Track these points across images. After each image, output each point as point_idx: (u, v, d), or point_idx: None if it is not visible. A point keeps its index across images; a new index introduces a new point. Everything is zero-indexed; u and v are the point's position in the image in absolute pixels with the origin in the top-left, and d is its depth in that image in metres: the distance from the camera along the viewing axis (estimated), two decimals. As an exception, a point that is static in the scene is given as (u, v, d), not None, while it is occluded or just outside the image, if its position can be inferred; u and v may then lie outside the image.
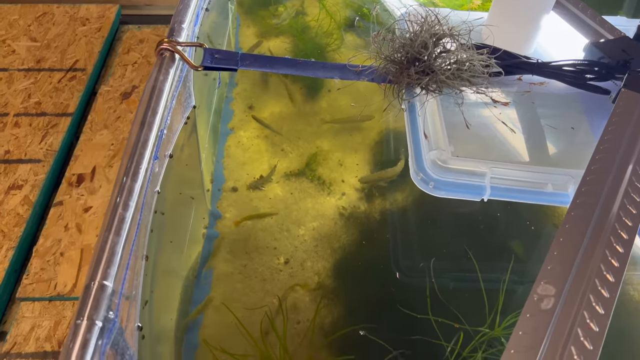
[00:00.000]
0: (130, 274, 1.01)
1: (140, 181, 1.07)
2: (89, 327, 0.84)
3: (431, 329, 1.34)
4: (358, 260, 1.59)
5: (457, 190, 1.20)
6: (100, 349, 0.86)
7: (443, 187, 1.20)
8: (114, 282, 0.92)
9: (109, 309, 0.89)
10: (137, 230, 1.07)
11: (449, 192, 1.21)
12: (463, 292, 1.44)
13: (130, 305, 1.04)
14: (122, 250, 0.95)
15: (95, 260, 0.92)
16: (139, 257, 1.11)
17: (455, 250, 1.53)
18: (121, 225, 0.97)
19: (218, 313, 1.51)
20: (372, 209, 1.71)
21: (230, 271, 1.60)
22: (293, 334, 1.46)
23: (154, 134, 1.15)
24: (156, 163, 1.18)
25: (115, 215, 0.98)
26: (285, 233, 1.69)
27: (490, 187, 1.17)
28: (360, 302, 1.49)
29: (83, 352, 0.82)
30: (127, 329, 1.01)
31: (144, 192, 1.10)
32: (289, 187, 1.79)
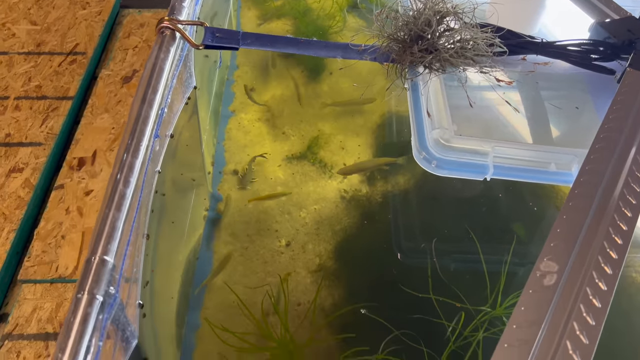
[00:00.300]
0: (131, 250, 1.01)
1: (140, 158, 1.06)
2: (89, 301, 0.83)
3: (432, 308, 1.34)
4: (359, 242, 1.59)
5: (460, 169, 1.19)
6: (101, 324, 0.86)
7: (446, 166, 1.19)
8: (115, 258, 0.92)
9: (109, 284, 0.89)
10: (138, 207, 1.06)
11: (451, 171, 1.19)
12: (464, 273, 1.45)
13: (131, 282, 1.03)
14: (122, 226, 0.94)
15: (96, 235, 0.91)
16: (139, 234, 1.11)
17: (457, 232, 1.52)
18: (122, 202, 0.97)
19: (219, 294, 1.52)
20: (374, 191, 1.71)
21: (231, 253, 1.60)
22: (294, 316, 1.47)
23: (155, 111, 1.13)
24: (157, 141, 1.18)
25: (116, 191, 0.97)
26: (287, 216, 1.69)
27: (493, 166, 1.16)
28: (362, 283, 1.50)
29: (84, 326, 0.81)
30: (128, 305, 1.00)
31: (144, 169, 1.09)
32: (290, 170, 1.79)
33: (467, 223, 1.53)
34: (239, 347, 1.38)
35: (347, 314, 1.43)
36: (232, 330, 1.41)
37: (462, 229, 1.52)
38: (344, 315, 1.43)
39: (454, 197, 1.61)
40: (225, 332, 1.41)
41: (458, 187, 1.56)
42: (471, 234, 1.49)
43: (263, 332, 1.39)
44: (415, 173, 1.71)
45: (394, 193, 1.69)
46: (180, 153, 1.49)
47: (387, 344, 1.33)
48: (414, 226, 1.58)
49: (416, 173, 1.71)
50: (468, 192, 1.58)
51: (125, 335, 0.96)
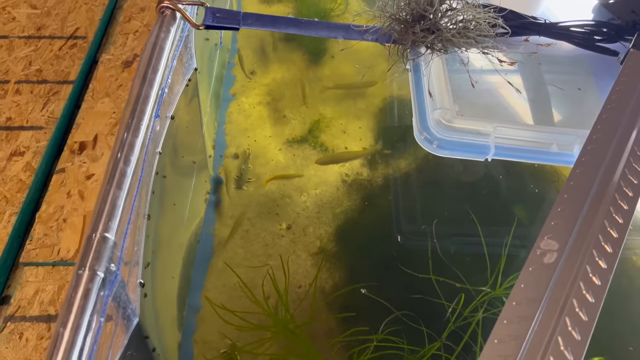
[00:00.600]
0: (132, 229, 1.01)
1: (141, 137, 1.06)
2: (90, 277, 0.84)
3: (433, 289, 1.35)
4: (360, 225, 1.60)
5: (461, 149, 1.19)
6: (102, 300, 0.86)
7: (447, 146, 1.19)
8: (116, 235, 0.92)
9: (110, 261, 0.89)
10: (139, 187, 1.07)
11: (452, 151, 1.19)
12: (465, 256, 1.45)
13: (132, 261, 1.04)
14: (123, 204, 0.95)
15: (97, 213, 0.92)
16: (140, 214, 1.11)
17: (458, 214, 1.53)
18: (122, 179, 0.97)
19: (220, 276, 1.53)
20: (375, 174, 1.71)
21: (232, 237, 1.61)
22: (294, 298, 1.48)
23: (155, 91, 1.14)
24: (157, 122, 1.18)
25: (117, 169, 0.97)
26: (287, 199, 1.70)
27: (494, 146, 1.16)
28: (362, 265, 1.51)
29: (85, 302, 0.82)
30: (130, 284, 1.01)
31: (145, 149, 1.09)
32: (291, 154, 1.79)
33: (468, 205, 1.53)
34: (240, 326, 1.39)
35: (347, 295, 1.43)
36: (235, 311, 1.42)
37: (463, 211, 1.52)
38: (345, 296, 1.44)
39: (455, 179, 1.61)
40: (226, 312, 1.42)
41: (459, 169, 1.56)
42: (472, 216, 1.49)
43: (265, 312, 1.40)
44: (417, 156, 1.71)
45: (395, 176, 1.69)
46: (181, 135, 1.49)
47: (387, 324, 1.34)
48: (414, 209, 1.58)
49: (417, 156, 1.71)
50: (469, 174, 1.58)
51: (126, 313, 0.98)
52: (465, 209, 1.53)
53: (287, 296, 1.44)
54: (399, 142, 1.80)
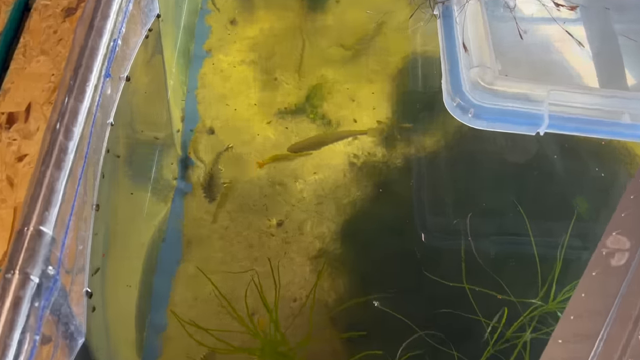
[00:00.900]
0: (75, 222, 1.00)
1: (86, 103, 1.05)
2: (21, 283, 0.82)
3: (466, 301, 1.34)
4: (372, 219, 1.59)
5: (505, 119, 1.19)
6: (36, 313, 0.84)
7: (486, 116, 1.19)
8: (55, 230, 0.90)
9: (47, 262, 0.87)
10: (84, 167, 1.06)
11: (493, 122, 1.19)
12: (508, 258, 1.44)
13: (76, 264, 1.03)
14: (64, 188, 0.93)
15: (30, 200, 0.90)
16: (87, 203, 1.10)
17: (500, 205, 1.51)
18: (63, 158, 0.96)
19: (191, 286, 1.53)
20: (393, 155, 1.69)
21: (207, 234, 1.61)
22: (287, 314, 1.49)
23: (105, 43, 1.12)
24: (108, 83, 1.17)
25: (55, 143, 0.96)
26: (278, 187, 1.68)
27: (548, 116, 1.15)
28: (375, 271, 1.51)
29: (14, 315, 0.80)
30: (73, 293, 0.99)
31: (92, 118, 1.08)
32: (283, 129, 1.77)
33: (513, 194, 1.53)
34: (217, 348, 1.39)
35: (356, 309, 1.44)
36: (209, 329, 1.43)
37: (507, 201, 1.52)
38: (352, 310, 1.44)
39: (497, 160, 1.60)
40: (198, 331, 1.42)
41: (501, 147, 1.55)
42: (518, 208, 1.48)
43: (249, 331, 1.40)
44: (447, 130, 1.69)
45: (418, 156, 1.68)
46: (139, 103, 1.48)
47: (408, 348, 1.33)
48: (443, 198, 1.58)
49: (448, 130, 1.69)
50: (515, 153, 1.56)
51: (69, 331, 0.96)
52: (509, 198, 1.52)
53: (277, 311, 1.43)
54: (423, 111, 1.77)
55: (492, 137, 1.29)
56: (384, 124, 1.77)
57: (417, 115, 1.78)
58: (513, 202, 1.49)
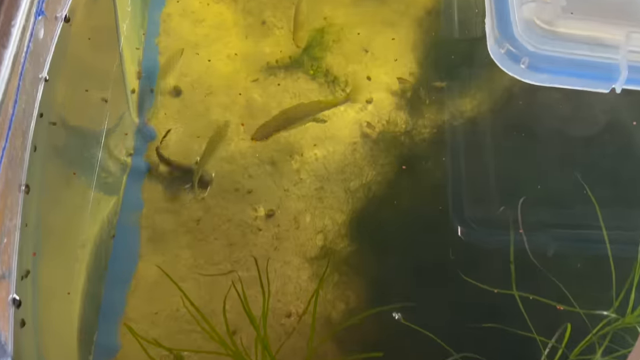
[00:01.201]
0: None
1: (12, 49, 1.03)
2: None
3: (516, 313, 1.33)
4: (392, 208, 1.59)
5: (568, 72, 1.16)
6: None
7: (544, 67, 1.15)
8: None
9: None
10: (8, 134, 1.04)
11: (554, 75, 1.16)
12: (572, 259, 1.43)
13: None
14: (-22, 159, 0.93)
15: None
16: (13, 183, 1.09)
17: (561, 189, 1.51)
18: (-23, 119, 0.95)
19: (152, 297, 1.53)
20: (419, 123, 1.69)
21: (173, 229, 1.61)
22: (279, 332, 1.49)
23: (34, -33, 1.11)
24: (40, 23, 1.15)
25: (-34, 100, 0.96)
26: (268, 167, 1.68)
27: (627, 67, 1.13)
28: (395, 275, 1.50)
29: None
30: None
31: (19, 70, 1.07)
32: (274, 89, 1.77)
33: (579, 174, 1.51)
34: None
35: (370, 324, 1.42)
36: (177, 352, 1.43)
37: (570, 183, 1.50)
38: (365, 326, 1.43)
39: (556, 129, 1.58)
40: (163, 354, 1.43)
41: (564, 110, 1.53)
42: (585, 191, 1.46)
43: (229, 354, 1.37)
44: (492, 89, 1.69)
45: (453, 125, 1.67)
46: (82, 53, 1.47)
47: (439, 374, 1.33)
48: (486, 179, 1.57)
49: (493, 89, 1.68)
50: (582, 119, 1.55)
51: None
52: (574, 180, 1.51)
53: (267, 329, 1.40)
54: (460, 66, 1.76)
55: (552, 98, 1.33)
56: (407, 82, 1.75)
57: (451, 70, 1.76)
58: (579, 185, 1.48)
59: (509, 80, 1.29)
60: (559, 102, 1.45)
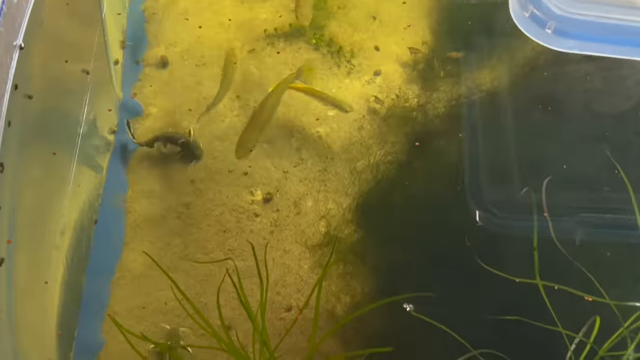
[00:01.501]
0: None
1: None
2: None
3: (539, 304, 1.31)
4: (403, 191, 1.58)
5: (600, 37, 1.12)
6: None
7: (572, 32, 1.12)
8: None
9: None
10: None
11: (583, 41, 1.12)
12: (602, 245, 1.43)
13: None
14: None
15: None
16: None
17: (589, 169, 1.51)
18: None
19: (138, 288, 1.51)
20: (432, 96, 1.69)
21: (161, 214, 1.60)
22: (279, 328, 1.46)
23: None
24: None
25: None
26: (265, 146, 1.68)
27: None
28: (408, 264, 1.49)
29: None
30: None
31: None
32: (271, 61, 1.77)
33: (610, 152, 1.45)
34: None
35: (378, 316, 1.38)
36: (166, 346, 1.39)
37: (600, 163, 1.45)
38: (373, 318, 1.39)
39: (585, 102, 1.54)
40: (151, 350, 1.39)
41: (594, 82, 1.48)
42: (617, 172, 1.40)
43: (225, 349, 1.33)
44: (514, 59, 1.66)
45: (471, 99, 1.63)
46: (60, 19, 1.43)
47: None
48: (506, 158, 1.52)
49: (515, 59, 1.66)
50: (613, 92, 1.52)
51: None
52: (604, 159, 1.45)
53: (265, 323, 1.35)
54: (479, 34, 1.72)
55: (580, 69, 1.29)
56: (419, 52, 1.72)
57: (469, 38, 1.73)
58: (610, 165, 1.43)
59: (533, 49, 1.26)
60: (589, 74, 1.42)
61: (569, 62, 1.37)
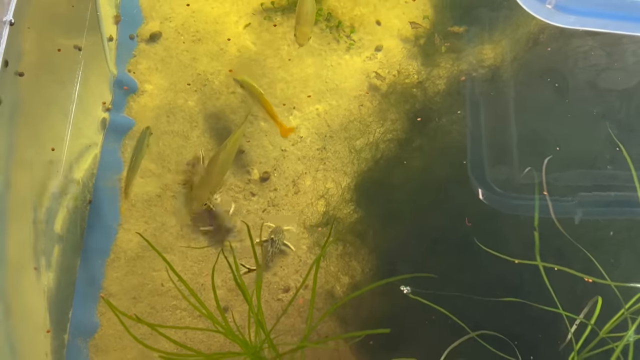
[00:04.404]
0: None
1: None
2: None
3: (539, 286, 1.34)
4: (403, 169, 1.59)
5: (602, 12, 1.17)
6: None
7: (573, 7, 1.18)
8: None
9: None
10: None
11: (584, 16, 1.19)
12: (603, 224, 1.44)
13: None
14: None
15: None
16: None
17: (592, 146, 1.51)
18: None
19: (133, 270, 1.55)
20: (433, 74, 1.69)
21: (157, 193, 1.63)
22: (276, 308, 1.51)
23: None
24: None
25: None
26: (263, 124, 1.69)
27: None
28: (407, 245, 1.50)
29: None
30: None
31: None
32: (269, 36, 1.77)
33: (613, 130, 1.53)
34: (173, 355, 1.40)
35: (376, 298, 1.45)
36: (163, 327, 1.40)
37: (603, 140, 1.52)
38: (371, 300, 1.45)
39: (589, 79, 1.59)
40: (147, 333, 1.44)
41: (598, 58, 1.53)
42: (619, 149, 1.48)
43: (221, 331, 1.37)
44: (516, 35, 1.68)
45: (472, 76, 1.68)
46: None
47: (453, 354, 1.34)
48: (509, 136, 1.58)
49: (517, 35, 1.68)
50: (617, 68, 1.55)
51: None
52: (607, 137, 1.52)
53: (261, 304, 1.42)
54: (481, 7, 1.75)
55: (584, 45, 1.36)
56: (421, 26, 1.76)
57: (471, 12, 1.76)
58: (612, 143, 1.49)
59: (537, 24, 1.29)
60: (593, 50, 1.45)
61: (573, 36, 1.39)
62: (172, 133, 1.69)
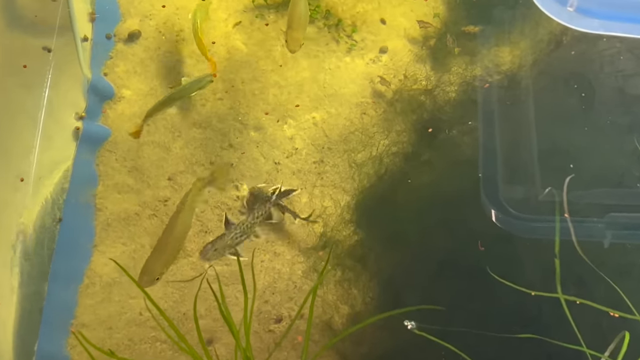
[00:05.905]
0: None
1: None
2: None
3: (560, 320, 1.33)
4: (408, 186, 1.59)
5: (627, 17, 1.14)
6: None
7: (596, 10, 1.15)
8: None
9: None
10: None
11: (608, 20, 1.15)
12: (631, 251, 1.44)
13: None
14: None
15: None
16: None
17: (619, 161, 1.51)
18: None
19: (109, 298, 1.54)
20: (444, 80, 1.70)
21: (136, 211, 1.63)
22: (267, 341, 1.50)
23: None
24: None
25: None
26: (253, 133, 1.70)
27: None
28: (412, 272, 1.50)
29: None
30: None
31: None
32: (260, 36, 1.77)
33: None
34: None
35: (379, 332, 1.43)
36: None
37: (632, 155, 1.50)
38: (373, 334, 1.44)
39: (616, 86, 1.56)
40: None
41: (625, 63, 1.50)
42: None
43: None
44: (535, 37, 1.68)
45: (488, 82, 1.67)
46: None
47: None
48: (528, 150, 1.55)
49: (537, 37, 1.67)
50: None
51: None
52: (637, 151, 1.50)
53: (249, 337, 1.40)
54: (498, 5, 1.74)
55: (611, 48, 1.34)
56: (431, 26, 1.74)
57: (487, 10, 1.74)
58: None
59: (559, 24, 1.27)
60: (620, 54, 1.43)
61: (599, 38, 1.39)
62: (152, 144, 1.67)
